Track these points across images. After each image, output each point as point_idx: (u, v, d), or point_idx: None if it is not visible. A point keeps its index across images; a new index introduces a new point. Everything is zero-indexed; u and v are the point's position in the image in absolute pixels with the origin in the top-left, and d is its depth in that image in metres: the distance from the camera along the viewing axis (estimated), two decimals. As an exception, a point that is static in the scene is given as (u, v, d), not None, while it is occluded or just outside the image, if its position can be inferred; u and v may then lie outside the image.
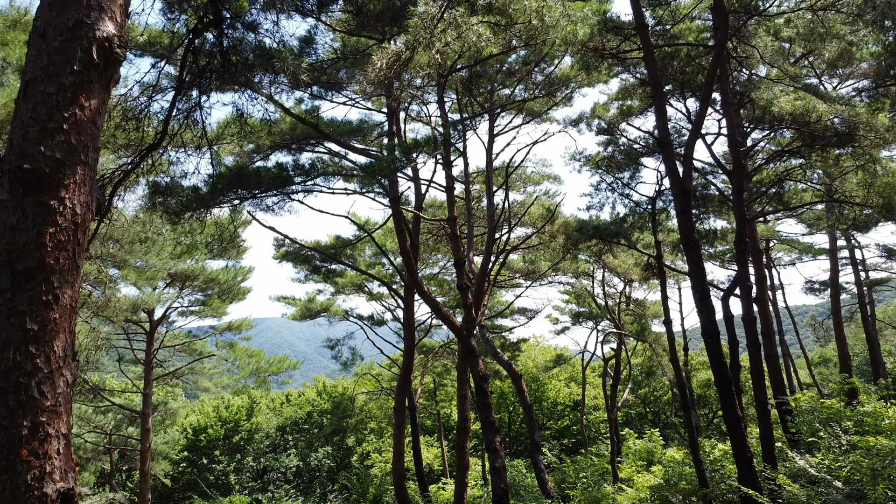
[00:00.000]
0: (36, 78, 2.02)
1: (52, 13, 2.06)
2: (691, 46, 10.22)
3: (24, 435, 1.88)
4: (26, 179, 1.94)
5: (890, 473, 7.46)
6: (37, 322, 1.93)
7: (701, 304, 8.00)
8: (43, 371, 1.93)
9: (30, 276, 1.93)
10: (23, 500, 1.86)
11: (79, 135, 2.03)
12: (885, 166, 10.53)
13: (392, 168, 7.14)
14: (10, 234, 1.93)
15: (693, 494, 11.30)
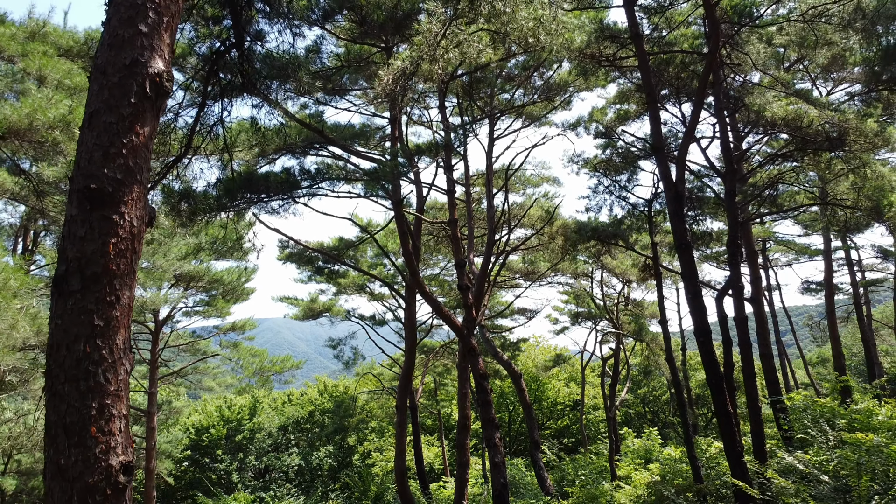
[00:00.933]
0: (99, 109, 2.36)
1: (112, 53, 2.40)
2: (685, 53, 10.55)
3: (92, 415, 2.23)
4: (93, 197, 2.29)
5: (874, 467, 7.81)
6: (102, 319, 2.28)
7: (693, 304, 8.34)
8: (107, 361, 2.28)
9: (96, 280, 2.27)
10: (92, 470, 2.21)
11: (135, 158, 2.37)
12: (875, 170, 10.86)
13: (395, 174, 7.49)
14: (79, 244, 2.28)
15: (688, 490, 11.67)
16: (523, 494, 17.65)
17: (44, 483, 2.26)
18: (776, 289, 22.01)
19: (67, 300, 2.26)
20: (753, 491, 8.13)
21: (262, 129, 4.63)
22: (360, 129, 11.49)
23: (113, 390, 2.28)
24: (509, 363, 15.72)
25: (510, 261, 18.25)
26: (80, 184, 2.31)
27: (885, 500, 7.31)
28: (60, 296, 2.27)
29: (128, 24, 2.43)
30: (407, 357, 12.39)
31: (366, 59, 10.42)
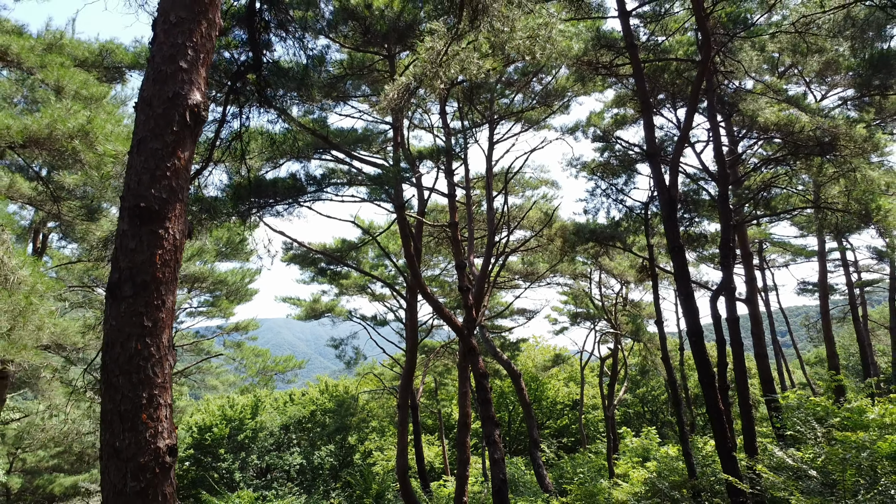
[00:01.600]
0: (146, 137, 2.71)
1: (156, 87, 2.75)
2: (680, 61, 10.90)
3: (143, 404, 2.58)
4: (142, 214, 2.64)
5: (860, 463, 8.16)
6: (150, 320, 2.63)
7: (686, 305, 8.69)
8: (155, 357, 2.63)
9: (145, 287, 2.62)
10: (143, 451, 2.56)
11: (177, 179, 2.72)
12: (865, 174, 11.20)
13: (398, 179, 7.83)
14: (130, 255, 2.63)
15: (682, 486, 12.05)
16: (523, 492, 18.01)
17: (100, 462, 2.61)
18: (773, 289, 22.36)
19: (121, 304, 2.61)
20: (743, 485, 8.50)
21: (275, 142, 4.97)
22: (362, 134, 11.84)
23: (160, 382, 2.64)
24: (509, 363, 16.06)
25: (510, 262, 18.60)
26: (130, 202, 2.66)
27: (871, 493, 7.65)
28: (114, 300, 2.62)
29: (170, 62, 2.78)
30: (408, 356, 12.74)
31: (368, 67, 10.78)
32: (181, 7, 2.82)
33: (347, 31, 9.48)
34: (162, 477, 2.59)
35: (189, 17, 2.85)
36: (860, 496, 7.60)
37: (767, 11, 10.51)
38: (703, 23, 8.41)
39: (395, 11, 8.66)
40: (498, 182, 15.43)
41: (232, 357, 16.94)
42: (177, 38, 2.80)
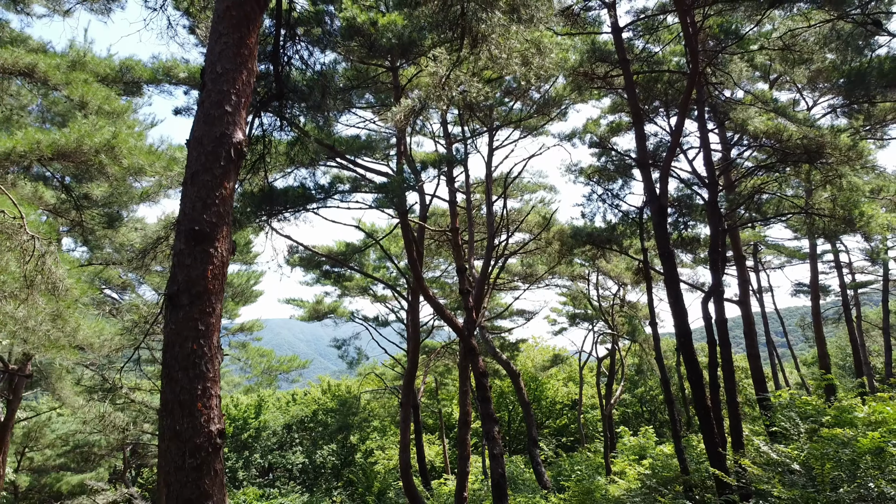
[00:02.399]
0: (198, 171, 3.25)
1: (206, 127, 3.29)
2: (671, 73, 11.43)
3: (198, 394, 3.13)
4: (195, 236, 3.18)
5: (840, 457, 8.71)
6: (203, 325, 3.17)
7: (675, 307, 9.24)
8: (207, 355, 3.18)
9: (199, 296, 3.17)
10: (199, 434, 3.11)
11: (224, 206, 3.27)
12: (850, 181, 11.74)
13: (402, 189, 8.37)
14: (186, 270, 3.17)
15: (675, 481, 12.62)
16: (522, 489, 18.56)
17: (160, 443, 3.16)
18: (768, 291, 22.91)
19: (179, 311, 3.16)
20: (730, 479, 9.05)
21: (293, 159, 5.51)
22: (367, 142, 12.36)
23: (211, 376, 3.18)
24: (508, 363, 16.61)
25: (509, 264, 19.14)
26: (185, 226, 3.21)
27: (852, 486, 8.18)
28: (174, 308, 3.16)
29: (217, 106, 3.32)
30: (411, 356, 13.28)
31: (373, 78, 11.33)
32: (226, 60, 3.37)
33: (353, 45, 10.01)
34: (214, 455, 3.14)
35: (232, 68, 3.39)
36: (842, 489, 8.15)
37: (756, 24, 11.04)
38: (690, 40, 8.96)
39: (398, 28, 9.20)
40: (497, 187, 15.97)
41: (237, 357, 17.48)
42: (222, 86, 3.35)
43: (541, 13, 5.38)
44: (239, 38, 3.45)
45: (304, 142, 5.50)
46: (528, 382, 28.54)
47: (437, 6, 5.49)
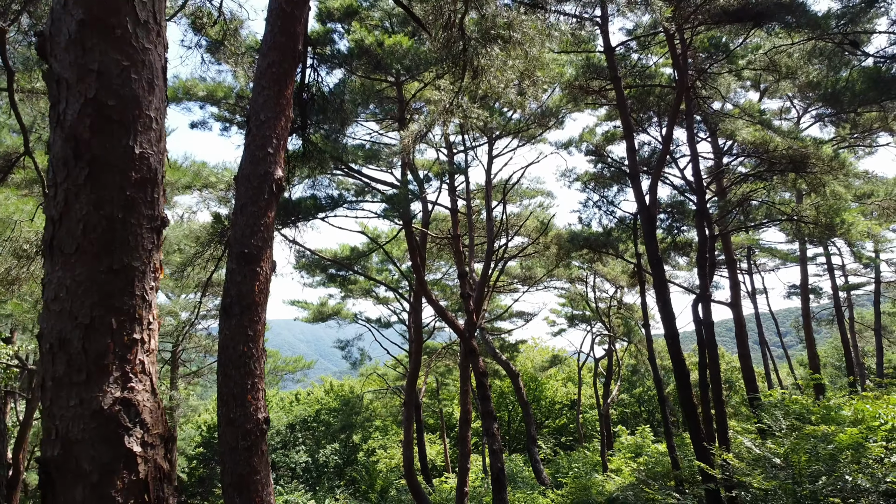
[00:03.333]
0: (246, 203, 3.96)
1: (252, 167, 4.01)
2: (662, 87, 12.14)
3: (248, 388, 3.85)
4: (245, 257, 3.90)
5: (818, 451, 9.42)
6: (252, 331, 3.89)
7: (663, 311, 9.96)
8: (255, 356, 3.89)
9: (248, 308, 3.89)
10: (248, 421, 3.83)
11: (268, 232, 3.98)
12: (833, 189, 12.46)
13: (408, 201, 9.09)
14: (237, 286, 3.89)
15: (666, 475, 13.36)
16: (521, 486, 19.27)
17: (219, 429, 3.88)
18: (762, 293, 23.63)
19: (231, 320, 3.87)
20: (714, 472, 9.78)
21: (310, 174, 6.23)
22: (372, 151, 13.09)
23: (258, 374, 3.90)
24: (507, 363, 17.33)
25: (509, 266, 19.86)
26: (236, 249, 3.92)
27: (832, 479, 8.89)
28: (228, 317, 3.88)
29: (261, 148, 4.04)
30: (414, 357, 14.00)
31: (378, 92, 12.04)
32: (268, 109, 4.08)
33: (360, 63, 10.73)
34: (261, 438, 3.86)
35: (273, 116, 4.10)
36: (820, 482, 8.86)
37: (743, 41, 11.74)
38: (677, 60, 9.67)
39: (403, 49, 9.91)
40: (497, 193, 16.68)
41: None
42: (265, 132, 4.06)
43: (534, 50, 6.10)
44: (278, 90, 4.16)
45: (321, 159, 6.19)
46: (528, 382, 29.28)
47: (442, 43, 6.21)
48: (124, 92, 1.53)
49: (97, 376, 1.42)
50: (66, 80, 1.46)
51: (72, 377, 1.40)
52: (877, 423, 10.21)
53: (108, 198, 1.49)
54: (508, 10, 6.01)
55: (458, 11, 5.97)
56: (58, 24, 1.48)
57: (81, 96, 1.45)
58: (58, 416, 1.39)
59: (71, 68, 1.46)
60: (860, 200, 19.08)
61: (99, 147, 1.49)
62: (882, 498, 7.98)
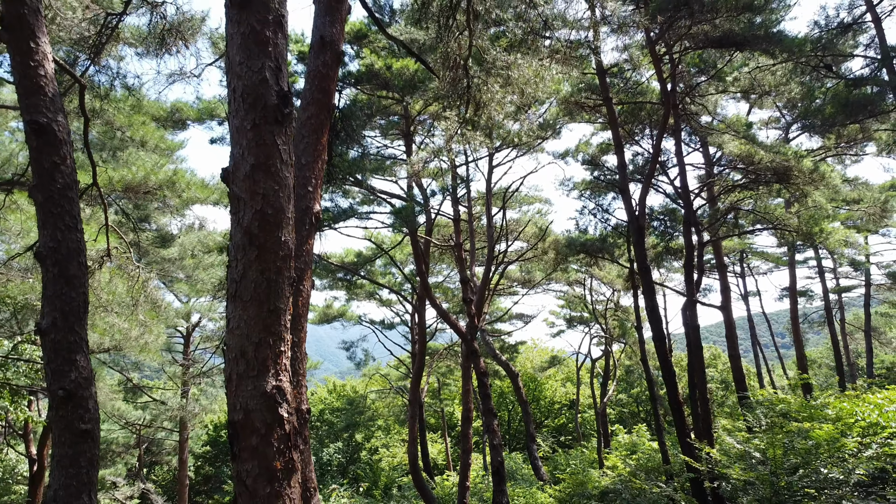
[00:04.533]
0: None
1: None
2: (652, 104, 13.08)
3: (293, 386, 4.81)
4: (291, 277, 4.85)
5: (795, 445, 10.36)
6: (297, 338, 4.85)
7: (651, 315, 10.92)
8: (298, 359, 4.84)
9: (295, 320, 4.84)
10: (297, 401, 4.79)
11: (308, 257, 4.93)
12: (815, 199, 13.40)
13: (414, 214, 10.03)
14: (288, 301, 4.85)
15: (657, 470, 14.35)
16: (520, 483, 20.25)
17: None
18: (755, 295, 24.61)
19: (280, 328, 4.83)
20: (697, 464, 10.74)
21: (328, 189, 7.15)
22: (379, 163, 14.04)
23: (301, 373, 4.86)
24: (507, 364, 18.28)
25: (508, 270, 20.81)
26: (284, 271, 4.89)
27: (807, 471, 9.83)
28: (277, 326, 4.84)
29: (302, 187, 4.98)
30: (418, 357, 14.94)
31: (384, 108, 12.99)
32: (308, 154, 5.03)
33: (369, 84, 11.67)
34: (304, 425, 4.81)
35: (312, 160, 5.05)
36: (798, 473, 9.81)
37: (728, 61, 12.68)
38: (664, 84, 10.62)
39: (410, 72, 10.86)
40: (497, 200, 17.63)
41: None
42: (306, 173, 5.01)
43: (529, 89, 7.05)
44: (316, 138, 5.11)
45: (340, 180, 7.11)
46: (528, 382, 30.25)
47: (448, 81, 7.17)
48: (276, 205, 2.48)
49: (262, 373, 2.37)
50: (243, 199, 2.40)
51: (248, 373, 2.34)
52: (853, 420, 11.16)
53: (267, 268, 2.45)
54: (507, 55, 6.96)
55: (463, 56, 6.92)
56: (237, 165, 2.43)
57: (252, 208, 2.40)
58: (240, 396, 2.33)
59: (246, 192, 2.40)
60: (849, 205, 20.09)
61: (262, 238, 2.43)
62: (854, 489, 8.87)
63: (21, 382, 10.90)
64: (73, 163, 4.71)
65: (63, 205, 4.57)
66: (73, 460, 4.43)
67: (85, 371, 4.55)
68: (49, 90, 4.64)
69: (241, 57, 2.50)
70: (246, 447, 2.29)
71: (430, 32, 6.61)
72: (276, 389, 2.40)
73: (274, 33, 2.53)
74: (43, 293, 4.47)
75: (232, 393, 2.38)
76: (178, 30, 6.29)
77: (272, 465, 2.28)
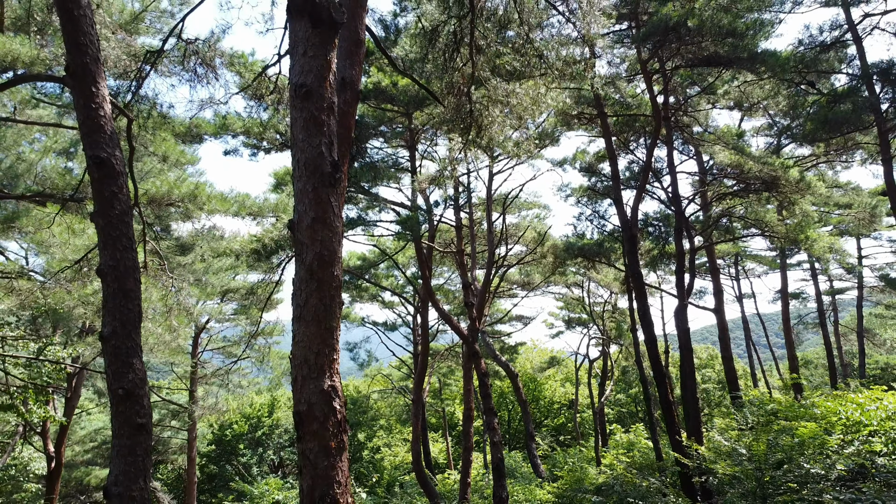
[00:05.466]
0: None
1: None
2: (646, 117, 13.84)
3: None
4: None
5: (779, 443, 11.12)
6: (322, 343, 5.61)
7: (643, 319, 11.68)
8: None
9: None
10: (321, 407, 5.56)
11: (332, 272, 5.70)
12: (802, 208, 14.18)
13: (418, 224, 10.80)
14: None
15: (650, 466, 15.13)
16: (520, 480, 21.04)
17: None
18: (751, 297, 25.38)
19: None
20: (686, 460, 11.51)
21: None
22: (385, 173, 14.79)
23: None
24: (507, 364, 19.05)
25: (508, 273, 21.57)
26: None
27: (790, 467, 10.58)
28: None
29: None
30: (422, 358, 15.72)
31: (390, 119, 13.76)
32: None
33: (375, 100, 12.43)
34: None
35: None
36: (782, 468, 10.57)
37: (717, 76, 13.43)
38: (654, 101, 11.38)
39: (415, 89, 11.62)
40: (497, 205, 18.39)
41: (259, 359, 19.91)
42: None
43: (527, 115, 7.82)
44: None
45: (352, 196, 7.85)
46: (527, 383, 31.05)
47: (454, 107, 7.94)
48: (330, 248, 3.24)
49: (320, 375, 3.13)
50: (305, 244, 3.17)
51: (310, 376, 3.11)
52: (835, 418, 11.92)
53: (324, 295, 3.21)
54: (507, 84, 7.73)
55: (466, 84, 7.69)
56: (301, 218, 3.20)
57: (312, 251, 3.16)
58: (304, 393, 3.09)
59: (308, 238, 3.16)
60: (842, 209, 20.88)
61: (320, 273, 3.20)
62: (835, 483, 9.60)
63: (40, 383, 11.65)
64: (128, 192, 5.46)
65: (121, 228, 5.32)
66: (130, 450, 5.17)
67: (140, 373, 5.29)
68: (108, 129, 5.40)
69: (303, 135, 3.26)
70: (308, 431, 3.06)
71: (436, 63, 7.36)
72: (330, 388, 3.16)
73: (328, 116, 3.29)
74: (104, 305, 5.21)
75: (297, 390, 3.14)
76: (210, 63, 7.06)
77: (329, 445, 3.04)
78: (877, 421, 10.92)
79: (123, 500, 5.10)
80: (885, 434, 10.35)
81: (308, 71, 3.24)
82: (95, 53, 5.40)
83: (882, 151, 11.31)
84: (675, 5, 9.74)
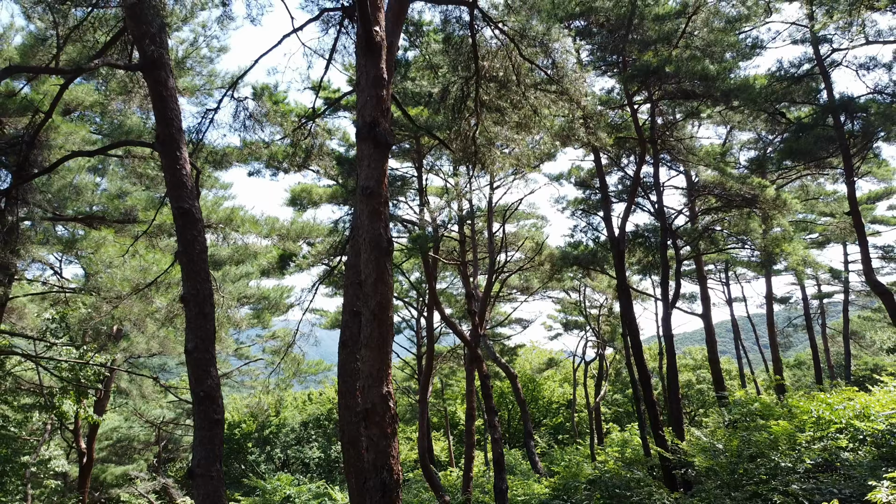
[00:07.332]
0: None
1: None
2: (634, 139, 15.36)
3: (356, 388, 7.14)
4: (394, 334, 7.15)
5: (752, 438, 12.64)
6: (358, 355, 7.16)
7: (629, 326, 13.25)
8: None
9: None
10: (357, 406, 7.13)
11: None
12: (780, 222, 15.73)
13: (427, 242, 12.35)
14: (350, 328, 7.16)
15: (639, 461, 16.72)
16: (518, 476, 22.64)
17: (339, 413, 7.15)
18: (741, 301, 26.97)
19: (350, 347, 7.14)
20: (667, 454, 13.08)
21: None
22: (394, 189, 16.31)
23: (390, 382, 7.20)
24: (506, 366, 20.61)
25: (508, 278, 23.11)
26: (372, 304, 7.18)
27: (762, 461, 12.10)
28: (345, 349, 7.14)
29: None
30: (427, 359, 17.30)
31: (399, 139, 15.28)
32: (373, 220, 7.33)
33: (387, 126, 13.91)
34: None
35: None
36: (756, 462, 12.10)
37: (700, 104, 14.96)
38: (639, 129, 12.92)
39: (424, 118, 13.15)
40: (497, 216, 19.93)
41: (271, 362, 21.47)
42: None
43: (524, 159, 9.37)
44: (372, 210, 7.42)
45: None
46: (526, 383, 32.67)
47: (460, 149, 9.49)
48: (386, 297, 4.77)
49: (379, 383, 4.68)
50: (370, 295, 4.72)
51: (373, 384, 4.64)
52: (807, 416, 13.43)
53: (382, 331, 4.74)
54: (507, 131, 9.27)
55: (471, 131, 9.23)
56: (367, 277, 4.75)
57: (375, 300, 4.71)
58: (369, 396, 4.64)
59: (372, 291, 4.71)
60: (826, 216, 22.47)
61: (380, 315, 4.75)
62: (802, 475, 11.01)
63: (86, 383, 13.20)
64: (204, 235, 7.00)
65: (199, 264, 6.86)
66: (209, 440, 6.72)
67: (215, 379, 6.84)
68: (189, 184, 6.94)
69: (367, 221, 4.81)
70: (373, 422, 4.61)
71: (446, 115, 8.90)
72: (387, 392, 4.71)
73: (384, 207, 4.85)
74: (187, 325, 6.75)
75: (364, 394, 4.69)
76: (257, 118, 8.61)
77: (386, 430, 4.57)
78: (845, 419, 12.29)
79: (205, 479, 6.68)
80: (851, 431, 11.74)
81: (371, 177, 4.81)
82: (179, 124, 6.94)
83: (846, 174, 12.85)
84: (655, 52, 11.28)
